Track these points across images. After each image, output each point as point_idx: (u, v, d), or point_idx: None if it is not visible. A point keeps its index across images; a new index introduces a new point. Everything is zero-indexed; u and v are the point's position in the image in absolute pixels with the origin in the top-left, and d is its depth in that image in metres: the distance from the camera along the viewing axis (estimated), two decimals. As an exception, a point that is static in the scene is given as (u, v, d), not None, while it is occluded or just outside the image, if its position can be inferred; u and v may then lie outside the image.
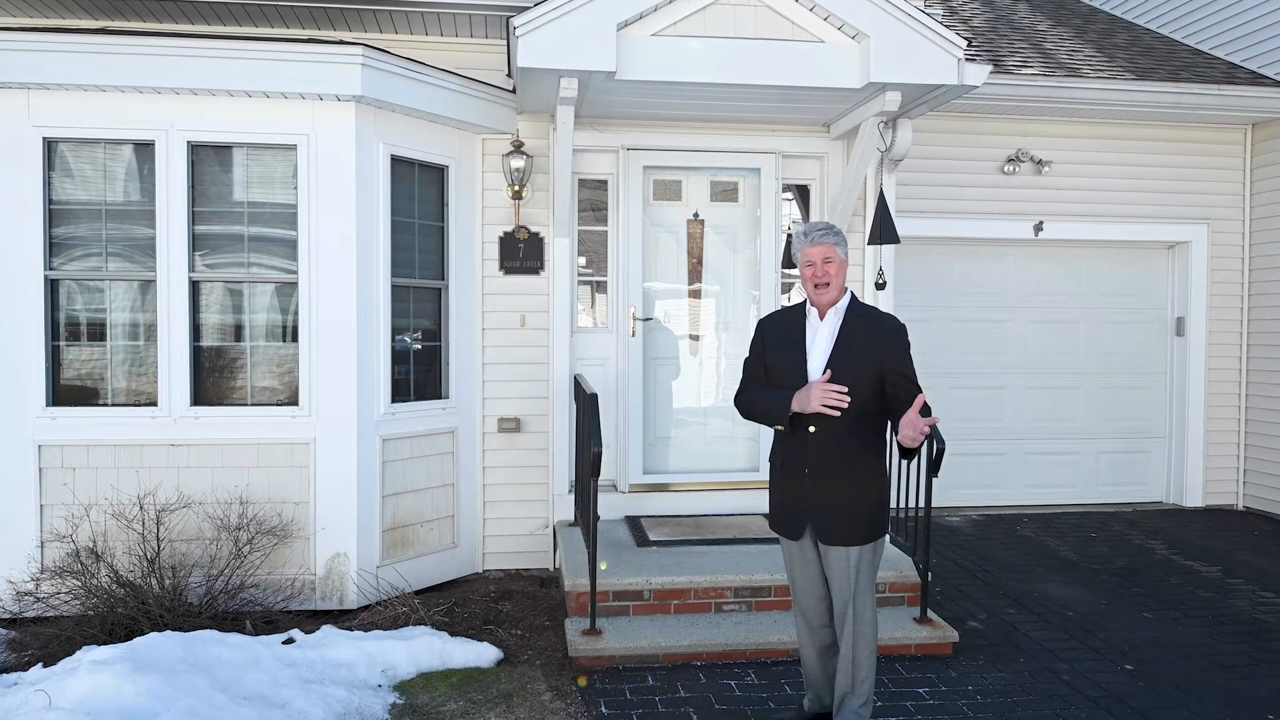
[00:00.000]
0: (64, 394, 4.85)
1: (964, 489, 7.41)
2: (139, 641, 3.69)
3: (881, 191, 5.61)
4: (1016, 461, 7.59)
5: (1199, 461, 7.56)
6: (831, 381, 3.18)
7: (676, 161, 5.95)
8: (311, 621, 4.63)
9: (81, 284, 4.87)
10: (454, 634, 4.49)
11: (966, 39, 4.98)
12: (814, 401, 3.16)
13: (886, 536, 3.43)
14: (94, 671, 3.38)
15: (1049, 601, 5.22)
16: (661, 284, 6.06)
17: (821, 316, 3.36)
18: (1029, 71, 6.90)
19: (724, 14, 4.88)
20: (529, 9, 4.63)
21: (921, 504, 4.48)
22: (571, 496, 5.73)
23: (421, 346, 5.48)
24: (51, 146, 4.79)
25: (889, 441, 3.45)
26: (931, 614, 4.59)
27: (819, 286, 3.30)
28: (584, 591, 4.47)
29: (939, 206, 7.12)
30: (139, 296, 4.87)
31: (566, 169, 5.36)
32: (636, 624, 4.51)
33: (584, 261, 6.04)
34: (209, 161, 4.90)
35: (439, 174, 5.51)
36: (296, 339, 4.95)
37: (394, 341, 5.23)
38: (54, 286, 4.83)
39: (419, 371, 5.45)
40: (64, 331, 4.86)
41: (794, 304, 3.55)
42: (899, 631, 4.43)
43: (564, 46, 4.63)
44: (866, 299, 5.67)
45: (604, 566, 4.66)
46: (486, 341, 5.75)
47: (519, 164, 5.58)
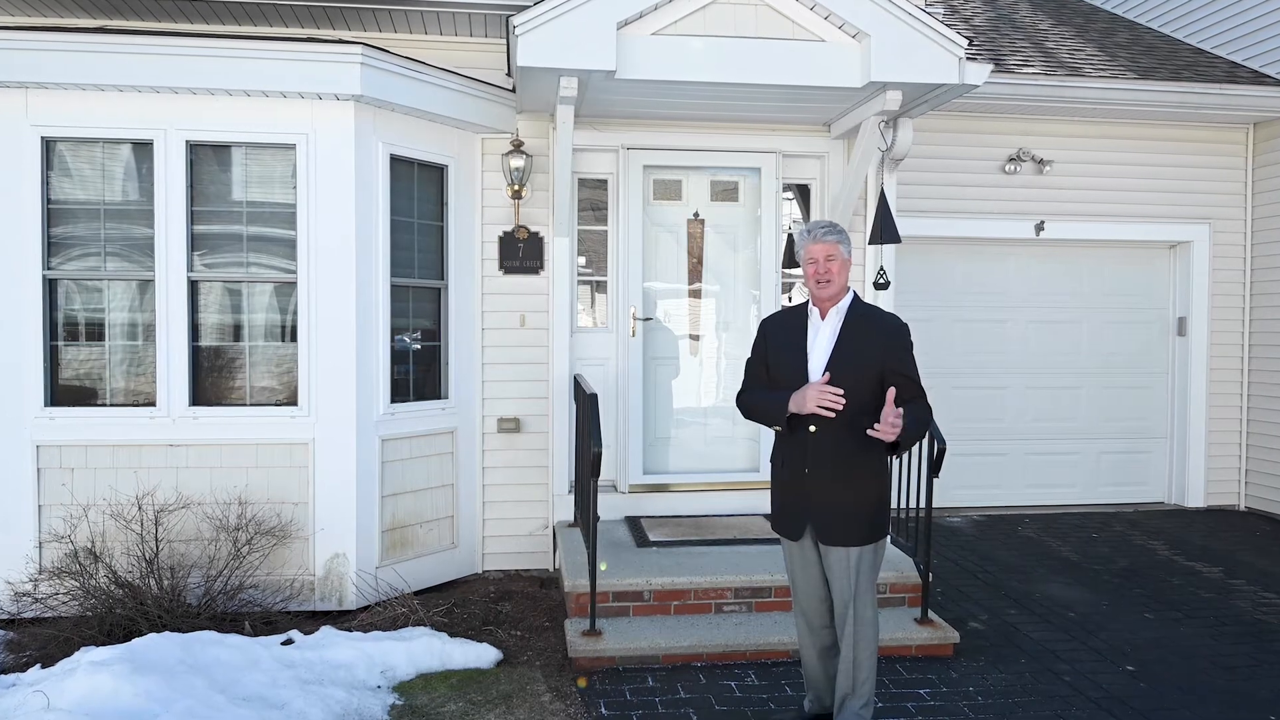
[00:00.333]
0: (62, 394, 4.84)
1: (965, 489, 7.40)
2: (137, 642, 3.68)
3: (883, 191, 5.59)
4: (1018, 462, 7.57)
5: (1200, 462, 7.55)
6: (831, 382, 3.19)
7: (677, 161, 5.94)
8: (310, 622, 4.62)
9: (80, 284, 4.86)
10: (453, 635, 4.48)
11: (967, 38, 4.97)
12: (810, 403, 3.17)
13: (888, 537, 3.42)
14: (92, 672, 3.37)
15: (1050, 602, 5.21)
16: (661, 284, 6.04)
17: (823, 315, 3.36)
18: (1030, 71, 6.88)
19: (724, 13, 4.87)
20: (528, 8, 4.62)
21: (922, 504, 4.48)
22: (571, 497, 5.72)
23: (421, 346, 5.47)
24: (50, 146, 4.78)
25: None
26: (932, 615, 4.59)
27: (821, 283, 3.30)
28: (584, 592, 4.46)
29: (940, 206, 7.10)
30: (137, 296, 4.86)
31: (566, 168, 5.35)
32: (636, 625, 4.49)
33: (584, 261, 6.02)
34: (208, 161, 4.89)
35: (438, 173, 5.50)
36: (295, 339, 4.94)
37: (393, 341, 5.22)
38: (52, 286, 4.81)
39: (418, 371, 5.44)
40: (62, 331, 4.85)
41: (796, 304, 3.55)
42: (900, 632, 4.42)
43: (564, 45, 4.62)
44: (867, 299, 5.65)
45: (604, 567, 4.65)
46: (486, 341, 5.74)
47: (519, 163, 5.56)
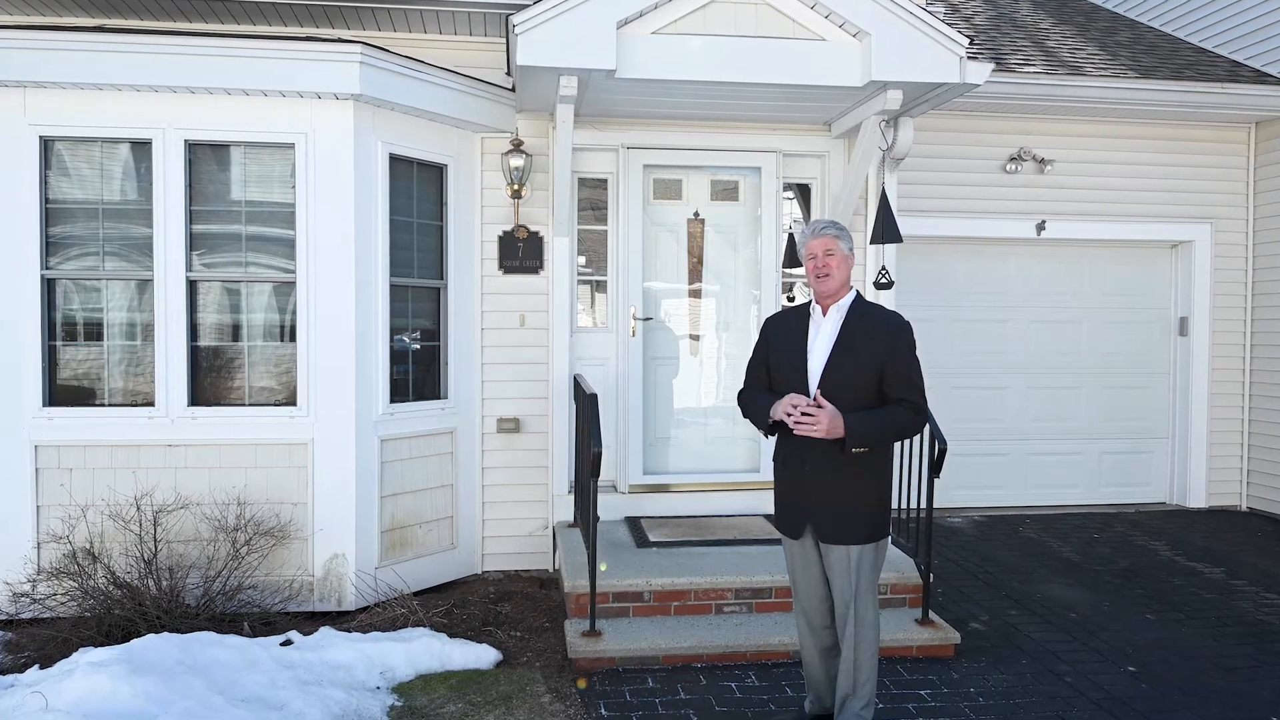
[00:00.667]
0: (61, 394, 4.82)
1: (966, 490, 7.38)
2: (136, 643, 3.67)
3: (884, 190, 5.58)
4: (1018, 462, 7.56)
5: (1202, 462, 7.53)
6: (830, 380, 3.21)
7: (677, 160, 5.92)
8: (309, 623, 4.61)
9: (78, 283, 4.84)
10: (453, 635, 4.46)
11: (968, 37, 4.96)
12: (778, 411, 3.23)
13: (889, 538, 3.41)
14: (91, 673, 3.37)
15: (1051, 603, 5.19)
16: (661, 284, 6.03)
17: (824, 313, 3.35)
18: (1031, 70, 6.87)
19: (724, 12, 4.85)
20: (528, 7, 4.61)
21: (923, 505, 4.46)
22: (571, 497, 5.70)
23: (420, 346, 5.45)
24: (48, 145, 4.77)
25: (891, 444, 3.43)
26: (933, 615, 4.57)
27: (820, 277, 3.31)
28: (584, 593, 4.45)
29: (941, 205, 7.09)
30: (136, 296, 4.85)
31: (566, 168, 5.33)
32: (636, 625, 4.48)
33: (584, 261, 6.01)
34: (206, 160, 4.87)
35: (438, 173, 5.49)
36: (294, 339, 4.93)
37: (393, 341, 5.20)
38: (50, 286, 4.80)
39: (418, 371, 5.43)
40: (61, 331, 4.83)
41: (798, 304, 3.55)
42: (900, 633, 4.41)
43: (563, 45, 4.61)
44: (869, 299, 5.63)
45: (604, 567, 4.64)
46: (486, 341, 5.73)
47: (518, 163, 5.55)
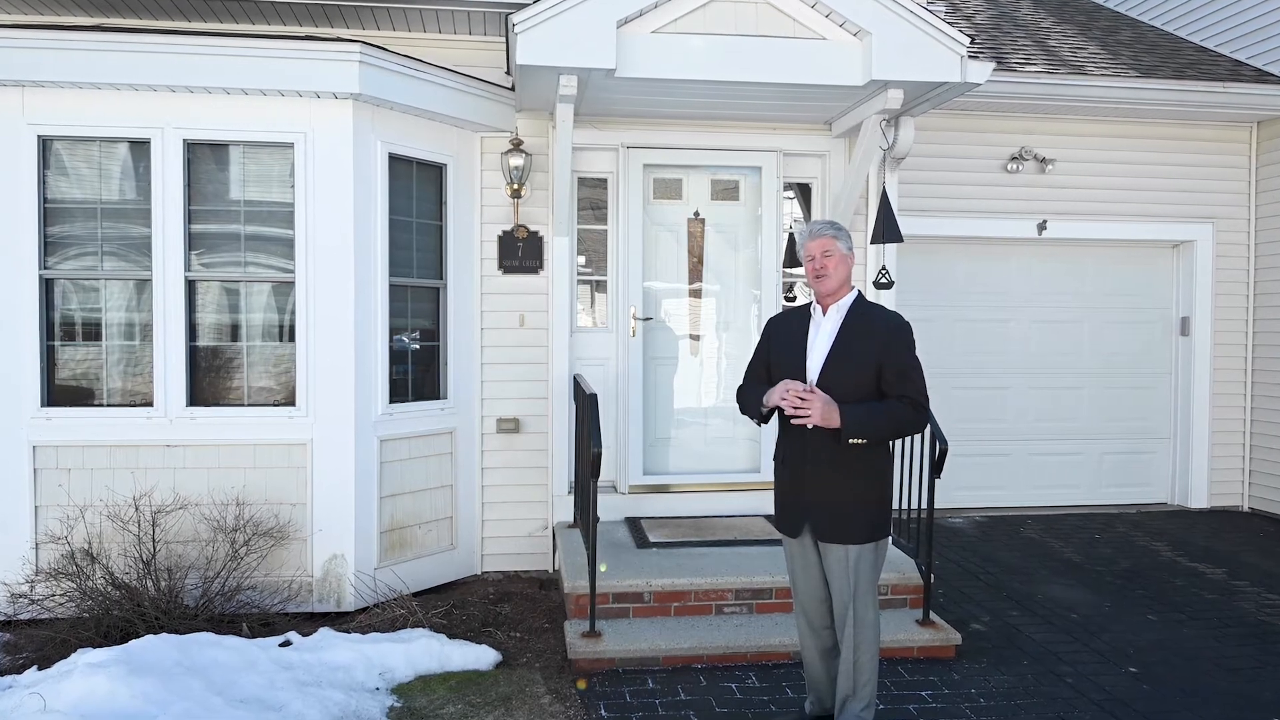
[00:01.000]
0: (59, 394, 4.81)
1: (967, 490, 7.36)
2: (134, 644, 3.66)
3: (884, 190, 5.56)
4: (1020, 462, 7.54)
5: (1204, 462, 7.51)
6: (828, 379, 3.21)
7: (677, 160, 5.91)
8: (309, 624, 4.59)
9: (77, 283, 4.83)
10: (452, 636, 4.45)
11: (969, 36, 4.95)
12: (774, 397, 3.24)
13: (889, 538, 3.40)
14: (89, 674, 3.36)
15: (1052, 604, 5.18)
16: (662, 283, 6.02)
17: (825, 313, 3.35)
18: (1032, 69, 6.85)
19: (725, 11, 4.84)
20: (528, 6, 4.60)
21: (924, 505, 4.45)
22: (571, 498, 5.69)
23: (420, 346, 5.44)
24: (46, 145, 4.75)
25: (890, 443, 3.42)
26: (934, 616, 4.56)
27: (818, 278, 3.32)
28: (583, 593, 4.44)
29: (942, 205, 7.07)
30: (135, 296, 4.84)
31: (566, 167, 5.32)
32: (636, 626, 4.47)
33: (583, 261, 5.99)
34: (205, 160, 4.86)
35: (437, 172, 5.47)
36: (293, 339, 4.91)
37: (392, 341, 5.19)
38: (49, 286, 4.79)
39: (417, 371, 5.41)
40: (59, 331, 4.82)
41: (800, 304, 3.55)
42: (901, 634, 4.40)
43: (563, 44, 4.60)
44: (869, 298, 5.63)
45: (604, 568, 4.63)
46: (485, 341, 5.72)
47: (518, 162, 5.53)
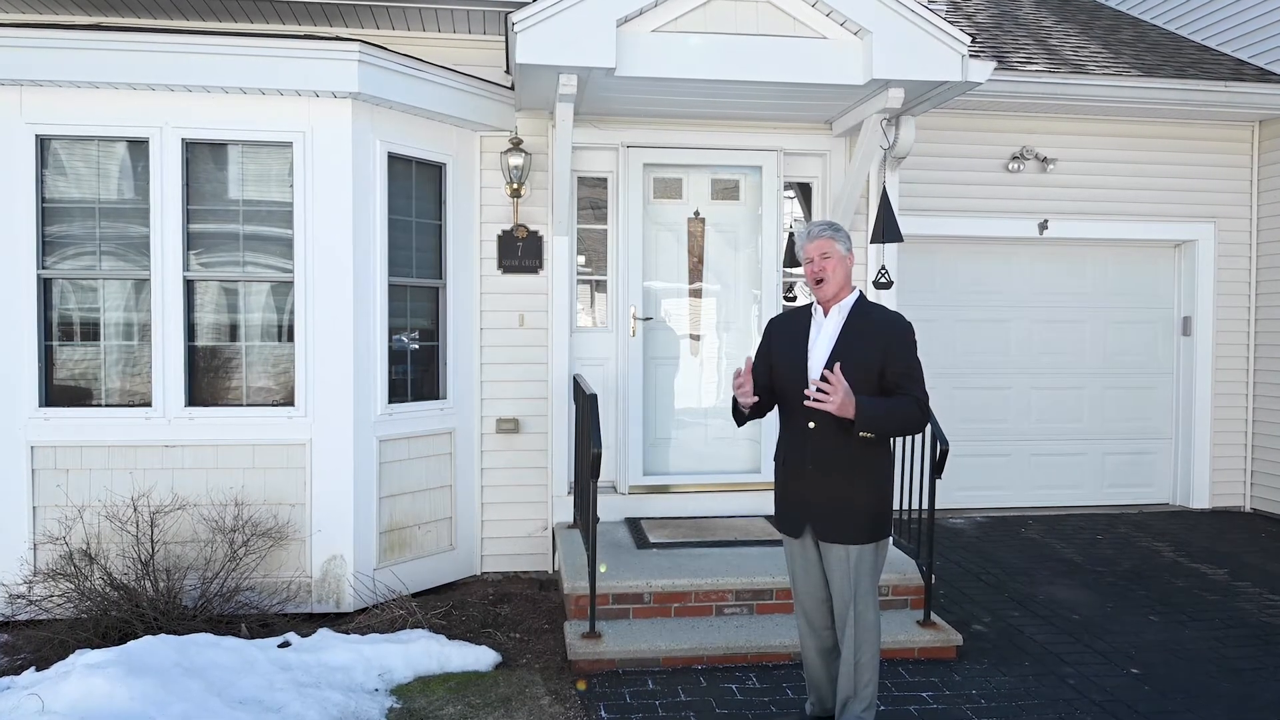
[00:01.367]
0: (57, 394, 4.80)
1: (968, 490, 7.35)
2: (133, 645, 3.64)
3: (885, 190, 5.55)
4: (1021, 463, 7.52)
5: (1205, 463, 7.49)
6: (830, 370, 3.16)
7: (677, 159, 5.89)
8: (308, 624, 4.59)
9: (75, 283, 4.82)
10: (452, 637, 4.44)
11: (970, 35, 4.93)
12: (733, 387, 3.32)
13: (889, 538, 3.39)
14: (87, 675, 3.34)
15: (1054, 604, 5.16)
16: (662, 283, 6.00)
17: (826, 314, 3.34)
18: (1033, 68, 6.83)
19: (725, 9, 4.83)
20: (527, 5, 4.59)
21: (925, 506, 4.43)
22: (571, 498, 5.67)
23: (419, 346, 5.43)
24: (44, 144, 4.74)
25: (891, 443, 3.41)
26: (935, 617, 4.55)
27: (817, 281, 3.31)
28: (583, 594, 4.42)
29: (942, 205, 7.05)
30: (133, 296, 4.82)
31: (566, 167, 5.31)
32: (636, 627, 4.46)
33: (583, 260, 5.98)
34: (204, 159, 4.85)
35: (436, 172, 5.46)
36: (292, 339, 4.90)
37: (391, 341, 5.18)
38: (47, 286, 4.78)
39: (416, 371, 5.40)
40: (57, 331, 4.81)
41: (802, 304, 3.53)
42: (902, 634, 4.38)
43: (563, 43, 4.59)
44: (870, 298, 5.62)
45: (603, 569, 4.61)
46: (485, 341, 5.70)
47: (517, 162, 5.52)
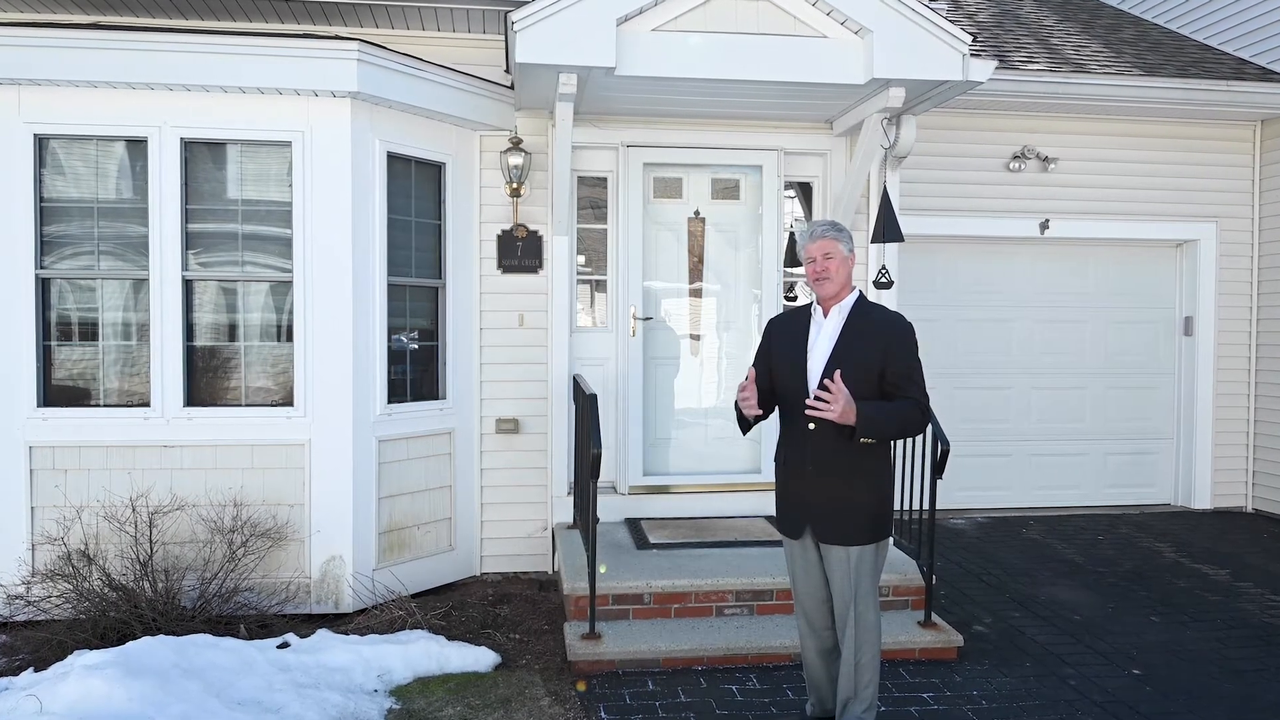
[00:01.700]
0: (55, 394, 4.79)
1: (969, 491, 7.33)
2: (131, 646, 3.63)
3: (885, 189, 5.53)
4: (1022, 463, 7.50)
5: (1207, 463, 7.47)
6: (830, 379, 3.14)
7: (677, 159, 5.88)
8: (307, 625, 4.58)
9: (73, 283, 4.81)
10: (451, 638, 4.43)
11: (971, 34, 4.93)
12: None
13: (890, 539, 3.38)
14: (85, 676, 3.34)
15: (1055, 605, 5.15)
16: (662, 283, 5.99)
17: (826, 314, 3.33)
18: (1035, 67, 6.82)
19: (725, 8, 4.82)
20: (527, 3, 4.57)
21: (925, 506, 4.42)
22: (570, 498, 5.66)
23: (418, 346, 5.41)
24: (43, 143, 4.73)
25: (892, 443, 3.40)
26: (936, 618, 4.54)
27: (819, 281, 3.30)
28: (583, 595, 4.41)
29: (943, 204, 7.04)
30: (131, 295, 4.81)
31: (565, 166, 5.30)
32: (636, 628, 4.44)
33: (583, 260, 5.97)
34: (202, 158, 4.84)
35: (436, 171, 5.45)
36: (291, 339, 4.89)
37: (390, 341, 5.17)
38: (45, 285, 4.77)
39: (416, 371, 5.39)
40: (55, 331, 4.80)
41: (801, 304, 3.52)
42: (903, 635, 4.37)
43: (562, 42, 4.58)
44: (870, 298, 5.60)
45: (603, 569, 4.60)
46: (484, 341, 5.69)
47: (517, 161, 5.51)
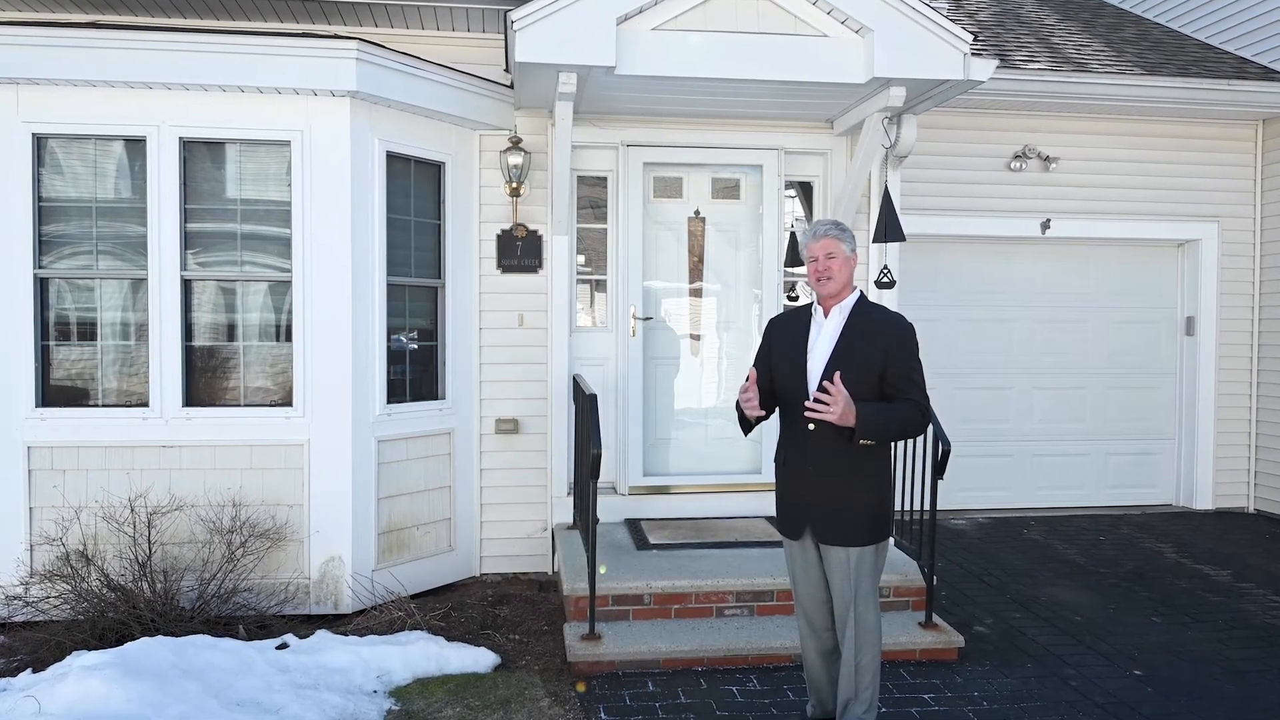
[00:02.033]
0: (54, 394, 4.78)
1: (970, 491, 7.31)
2: (130, 647, 3.63)
3: (887, 189, 5.52)
4: (1023, 463, 7.49)
5: (1209, 463, 7.45)
6: (829, 381, 3.13)
7: (677, 158, 5.87)
8: (306, 626, 4.56)
9: (71, 283, 4.80)
10: (451, 639, 4.42)
11: (972, 33, 4.91)
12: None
13: (890, 540, 3.37)
14: (84, 677, 3.33)
15: (1056, 606, 5.13)
16: (662, 283, 5.97)
17: (826, 314, 3.31)
18: (1036, 66, 6.80)
19: (725, 7, 4.80)
20: (527, 2, 4.56)
21: (926, 507, 4.41)
22: (570, 499, 5.65)
23: (418, 346, 5.40)
24: (41, 143, 4.72)
25: (892, 444, 3.39)
26: (937, 618, 4.53)
27: (821, 280, 3.29)
28: (583, 595, 4.40)
29: (945, 204, 7.02)
30: (130, 295, 4.80)
31: (565, 166, 5.28)
32: (636, 628, 4.43)
33: (583, 260, 5.95)
34: (201, 158, 4.83)
35: (435, 171, 5.44)
36: (290, 339, 4.88)
37: (390, 341, 5.15)
38: (43, 285, 4.76)
39: (415, 372, 5.38)
40: (54, 331, 4.79)
41: (802, 304, 3.51)
42: (904, 636, 4.36)
43: (562, 41, 4.57)
44: (871, 298, 5.59)
45: (603, 570, 4.59)
46: (484, 341, 5.68)
47: (517, 161, 5.50)
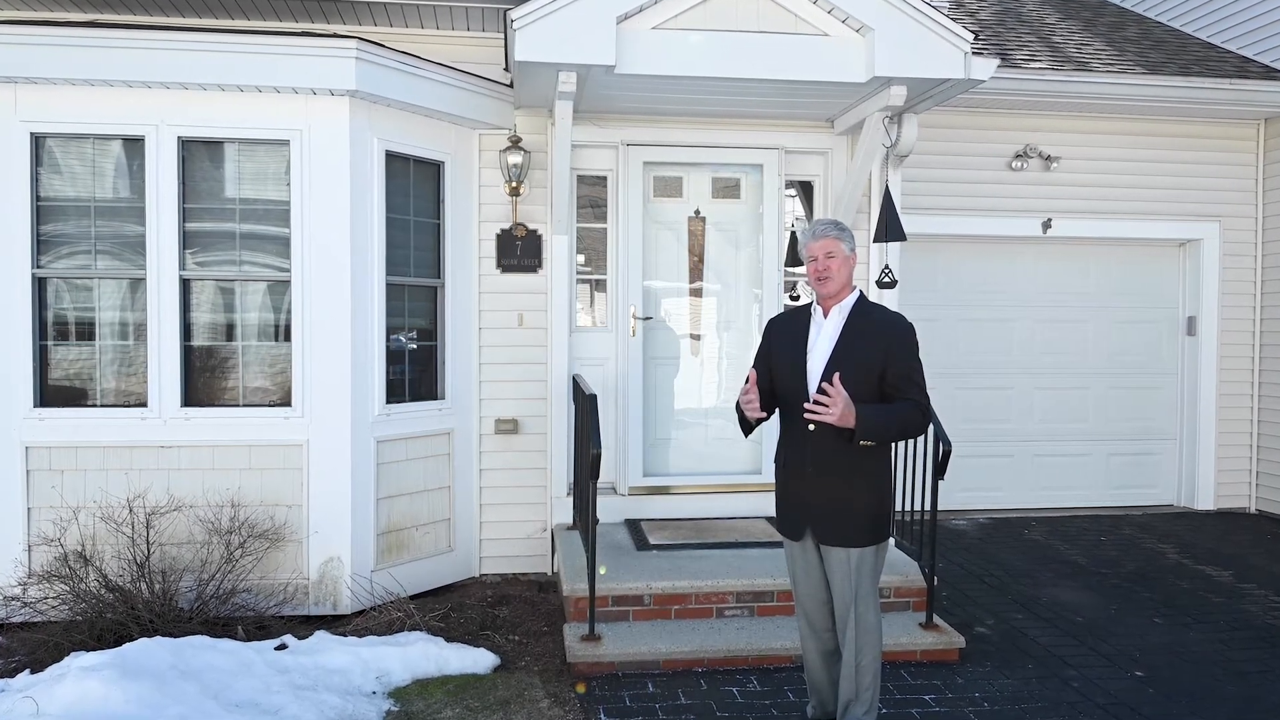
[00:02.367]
0: (52, 394, 4.77)
1: (970, 492, 7.30)
2: (128, 647, 3.62)
3: (887, 188, 5.50)
4: (1024, 463, 7.47)
5: (1210, 463, 7.44)
6: (828, 382, 3.12)
7: (677, 157, 5.85)
8: (305, 627, 4.56)
9: (70, 282, 4.79)
10: (450, 639, 4.41)
11: (973, 32, 4.90)
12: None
13: (890, 540, 3.36)
14: (82, 678, 3.33)
15: (1058, 606, 5.12)
16: (662, 282, 5.96)
17: (826, 314, 3.30)
18: (1037, 65, 6.79)
19: (726, 6, 4.79)
20: (527, 1, 4.54)
21: (927, 507, 4.39)
22: (570, 499, 5.64)
23: (417, 346, 5.39)
24: (39, 142, 4.71)
25: (892, 445, 3.38)
26: (937, 619, 4.52)
27: (820, 280, 3.27)
28: (583, 596, 4.39)
29: (945, 203, 7.01)
30: (129, 295, 4.79)
31: (565, 165, 5.27)
32: (636, 629, 4.42)
33: (583, 259, 5.94)
34: (200, 157, 4.82)
35: (435, 170, 5.42)
36: (289, 338, 4.87)
37: (389, 341, 5.14)
38: (41, 285, 4.74)
39: (415, 372, 5.36)
40: (52, 331, 4.78)
41: (801, 304, 3.50)
42: (904, 637, 4.35)
43: (562, 40, 4.55)
44: (872, 298, 5.57)
45: (603, 570, 4.58)
46: (484, 341, 5.67)
47: (516, 160, 5.48)
